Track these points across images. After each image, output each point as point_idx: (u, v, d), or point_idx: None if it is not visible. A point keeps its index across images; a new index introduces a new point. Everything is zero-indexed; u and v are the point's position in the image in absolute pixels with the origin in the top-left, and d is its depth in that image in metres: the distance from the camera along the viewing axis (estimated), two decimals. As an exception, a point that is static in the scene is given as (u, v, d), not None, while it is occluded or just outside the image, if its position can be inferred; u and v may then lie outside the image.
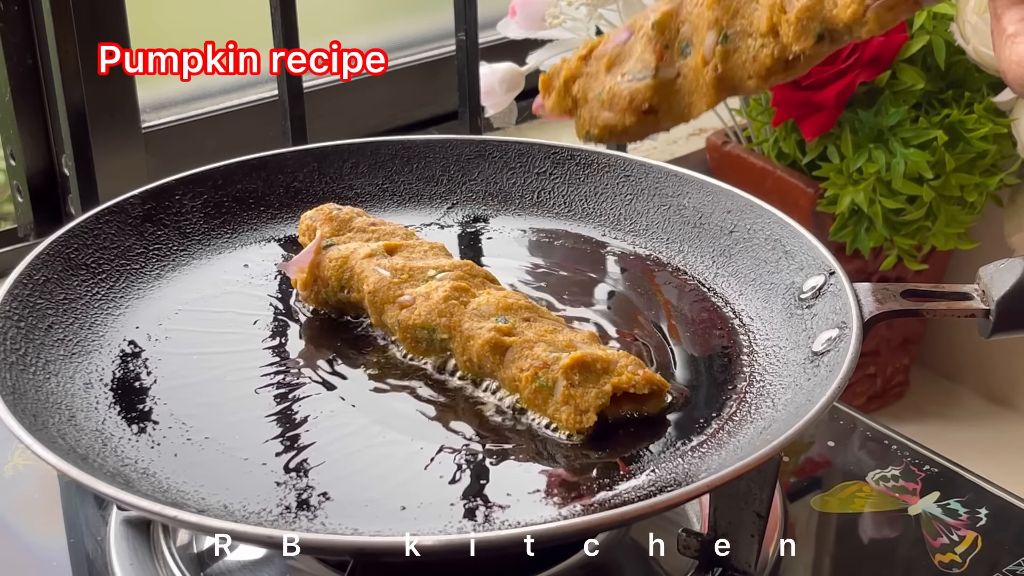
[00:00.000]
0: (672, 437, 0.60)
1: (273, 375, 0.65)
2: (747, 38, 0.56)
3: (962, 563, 0.66)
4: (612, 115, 0.60)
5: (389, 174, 0.83)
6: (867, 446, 0.75)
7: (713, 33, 0.57)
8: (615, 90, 0.59)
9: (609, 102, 0.60)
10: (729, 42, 0.56)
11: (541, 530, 0.51)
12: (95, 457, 0.57)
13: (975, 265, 0.66)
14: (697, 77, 0.57)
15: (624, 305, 0.72)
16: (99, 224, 0.73)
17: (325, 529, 0.54)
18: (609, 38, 0.61)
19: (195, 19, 1.11)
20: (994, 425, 1.18)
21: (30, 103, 0.96)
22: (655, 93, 0.58)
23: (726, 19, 0.56)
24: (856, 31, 0.54)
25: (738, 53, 0.56)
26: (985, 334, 0.64)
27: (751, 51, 0.56)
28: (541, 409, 0.60)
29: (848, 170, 1.03)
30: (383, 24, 1.24)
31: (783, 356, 0.65)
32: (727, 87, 0.57)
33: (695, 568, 0.62)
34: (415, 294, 0.66)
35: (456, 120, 1.04)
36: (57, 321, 0.66)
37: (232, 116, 1.11)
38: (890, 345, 1.16)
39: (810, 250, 0.69)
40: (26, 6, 0.93)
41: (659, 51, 0.58)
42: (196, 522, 0.51)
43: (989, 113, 1.02)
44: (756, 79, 0.56)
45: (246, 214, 0.79)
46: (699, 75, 0.57)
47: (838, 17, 0.53)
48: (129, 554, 0.64)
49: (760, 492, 0.58)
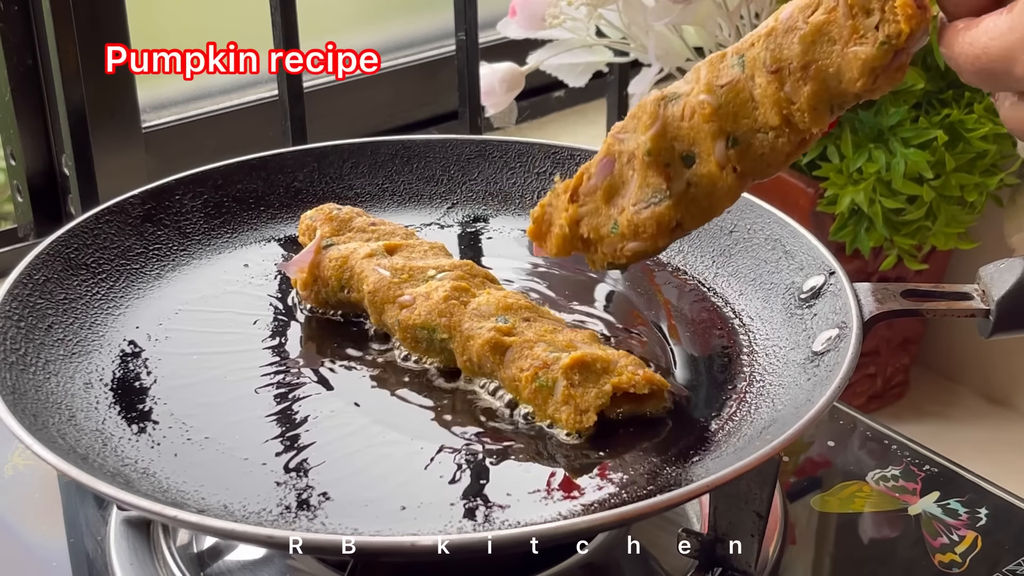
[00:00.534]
0: (672, 437, 0.60)
1: (273, 375, 0.65)
2: (757, 134, 0.56)
3: (962, 563, 0.66)
4: (641, 243, 0.59)
5: (389, 174, 0.83)
6: (867, 446, 0.75)
7: (721, 142, 0.56)
8: (635, 220, 0.59)
9: (633, 233, 0.59)
10: (740, 143, 0.56)
11: (541, 530, 0.51)
12: (95, 457, 0.57)
13: (975, 265, 0.66)
14: (714, 181, 0.57)
15: (624, 305, 0.72)
16: (99, 224, 0.73)
17: (325, 529, 0.54)
18: (592, 172, 0.60)
19: (195, 19, 1.11)
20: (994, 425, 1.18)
21: (30, 103, 0.96)
22: (678, 210, 0.58)
23: (729, 125, 0.56)
24: (866, 96, 0.54)
25: (752, 148, 0.56)
26: (985, 334, 0.64)
27: (767, 144, 0.56)
28: (541, 409, 0.60)
29: (848, 170, 1.03)
30: (382, 24, 1.24)
31: (783, 356, 0.65)
32: (749, 179, 0.57)
33: (695, 568, 0.62)
34: (415, 294, 0.66)
35: (456, 120, 1.04)
36: (57, 321, 0.66)
37: (232, 116, 1.11)
38: (890, 345, 1.16)
39: (810, 250, 0.69)
40: (26, 6, 0.93)
41: (663, 171, 0.58)
42: (196, 522, 0.51)
43: (989, 113, 1.02)
44: (777, 165, 0.56)
45: (246, 214, 0.79)
46: (716, 179, 0.57)
47: (848, 91, 0.53)
48: (129, 554, 0.64)
49: (760, 492, 0.59)
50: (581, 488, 0.56)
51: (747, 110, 0.56)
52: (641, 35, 1.01)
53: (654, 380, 0.61)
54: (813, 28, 0.53)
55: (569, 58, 1.07)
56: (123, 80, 0.93)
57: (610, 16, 1.03)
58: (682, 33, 1.03)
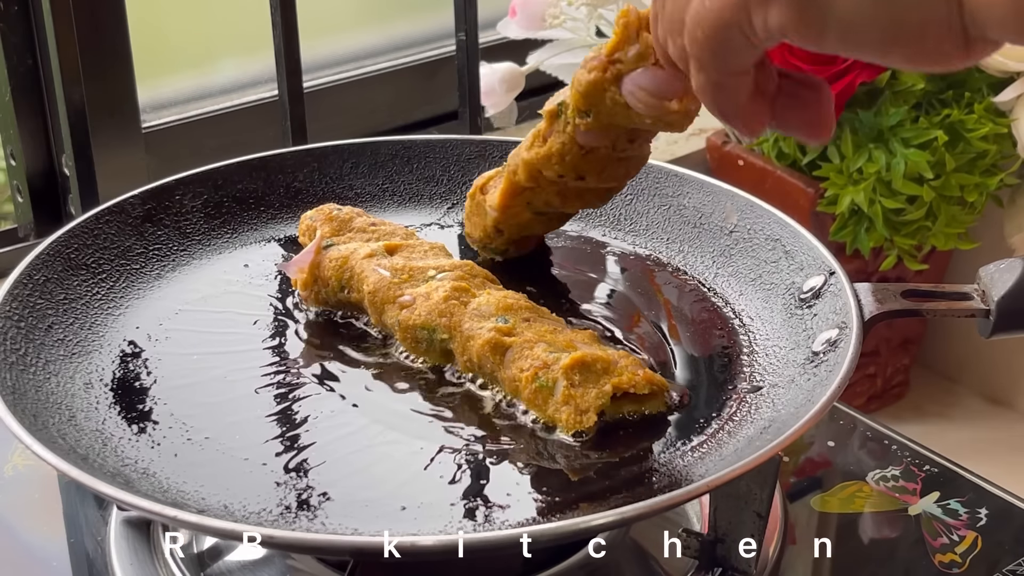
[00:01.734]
0: (672, 437, 0.60)
1: (273, 375, 0.65)
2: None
3: (962, 563, 0.66)
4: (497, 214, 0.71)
5: (389, 174, 0.83)
6: (867, 446, 0.75)
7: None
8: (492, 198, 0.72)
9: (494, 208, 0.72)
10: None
11: (541, 530, 0.51)
12: (95, 457, 0.57)
13: (975, 265, 0.66)
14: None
15: (624, 305, 0.72)
16: (99, 224, 0.73)
17: (325, 529, 0.54)
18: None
19: (195, 19, 1.11)
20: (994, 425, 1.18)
21: (30, 103, 0.96)
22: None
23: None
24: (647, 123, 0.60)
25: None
26: (985, 334, 0.64)
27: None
28: (541, 409, 0.60)
29: (848, 170, 1.03)
30: (383, 24, 1.24)
31: (783, 356, 0.65)
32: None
33: (695, 568, 0.62)
34: (415, 294, 0.66)
35: (456, 120, 1.04)
36: (57, 321, 0.66)
37: (232, 116, 1.11)
38: (890, 345, 1.16)
39: (810, 250, 0.69)
40: (26, 6, 0.93)
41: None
42: (196, 522, 0.51)
43: (989, 113, 1.02)
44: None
45: (246, 214, 0.79)
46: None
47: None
48: (129, 554, 0.64)
49: (760, 492, 0.58)
50: (581, 488, 0.56)
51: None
52: (641, 35, 1.01)
53: (654, 380, 0.61)
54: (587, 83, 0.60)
55: (569, 58, 1.07)
56: (123, 80, 0.93)
57: (610, 16, 1.03)
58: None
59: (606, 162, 0.65)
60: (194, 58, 1.12)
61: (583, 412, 0.59)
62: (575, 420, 0.59)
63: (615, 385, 0.60)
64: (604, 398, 0.59)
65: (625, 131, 0.63)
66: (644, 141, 0.65)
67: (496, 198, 0.70)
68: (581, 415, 0.59)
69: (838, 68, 1.01)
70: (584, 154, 0.64)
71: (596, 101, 0.60)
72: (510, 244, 0.74)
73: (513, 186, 0.69)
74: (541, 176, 0.67)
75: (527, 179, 0.68)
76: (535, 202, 0.70)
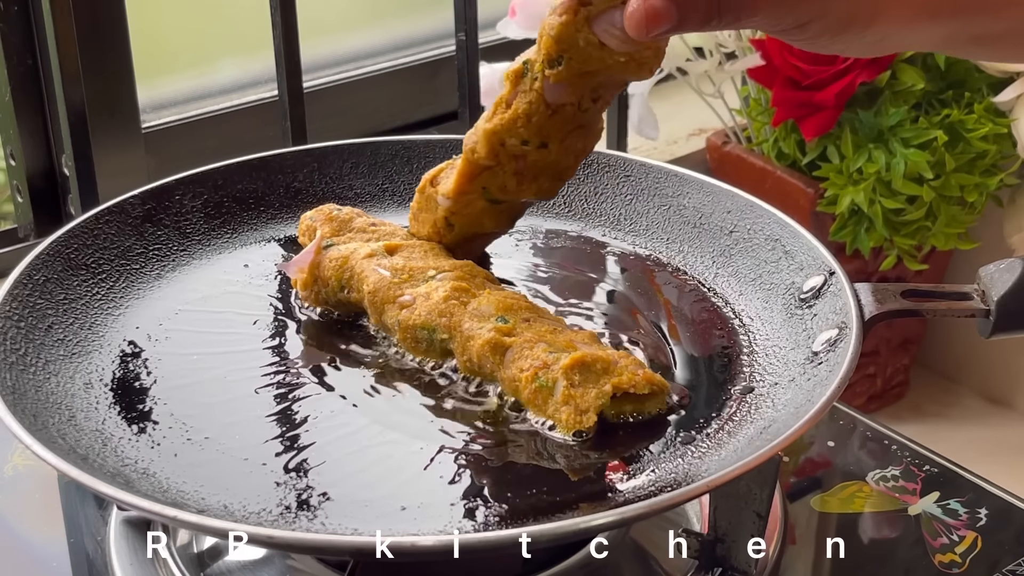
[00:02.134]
0: (672, 437, 0.60)
1: (273, 375, 0.65)
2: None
3: (962, 563, 0.66)
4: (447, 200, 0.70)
5: (389, 174, 0.83)
6: (867, 446, 0.75)
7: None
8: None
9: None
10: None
11: (541, 530, 0.51)
12: (95, 457, 0.57)
13: (975, 265, 0.66)
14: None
15: (624, 305, 0.72)
16: (99, 224, 0.73)
17: (325, 529, 0.54)
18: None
19: (195, 19, 1.11)
20: (994, 425, 1.18)
21: (30, 103, 0.96)
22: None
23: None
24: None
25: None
26: (985, 334, 0.64)
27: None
28: (541, 409, 0.60)
29: (848, 170, 1.03)
30: (383, 24, 1.24)
31: (783, 356, 0.65)
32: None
33: (695, 568, 0.62)
34: (415, 294, 0.66)
35: (456, 120, 1.04)
36: (57, 321, 0.66)
37: (232, 116, 1.11)
38: (890, 345, 1.16)
39: (810, 250, 0.69)
40: (26, 6, 0.93)
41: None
42: (196, 522, 0.51)
43: (989, 113, 1.02)
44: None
45: (246, 214, 0.79)
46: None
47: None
48: (129, 554, 0.64)
49: (760, 492, 0.58)
50: (581, 488, 0.56)
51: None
52: (641, 35, 1.01)
53: (654, 380, 0.61)
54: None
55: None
56: (123, 80, 0.93)
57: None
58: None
59: (571, 124, 0.65)
60: (194, 58, 1.12)
61: (583, 412, 0.59)
62: (575, 420, 0.59)
63: (615, 385, 0.60)
64: (604, 398, 0.59)
65: (591, 87, 0.63)
66: (604, 102, 0.65)
67: (451, 184, 0.69)
68: (581, 415, 0.59)
69: (838, 68, 1.01)
70: (551, 115, 0.64)
71: (569, 44, 0.60)
72: (459, 242, 0.72)
73: (471, 166, 0.68)
74: (503, 149, 0.66)
75: (487, 155, 0.66)
76: (491, 187, 0.68)
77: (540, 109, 0.64)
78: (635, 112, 1.05)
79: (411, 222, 0.73)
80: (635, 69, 0.60)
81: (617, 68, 0.61)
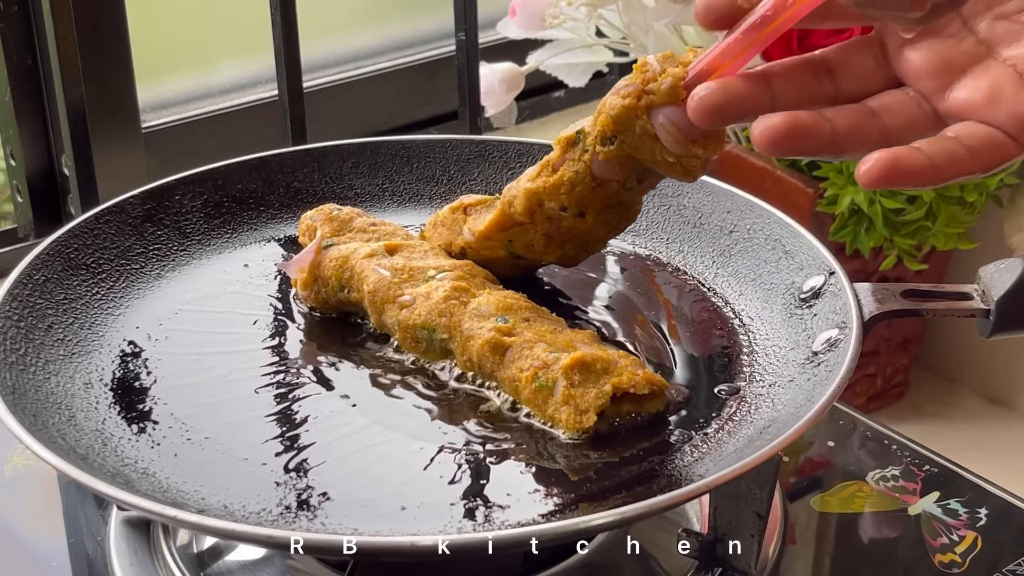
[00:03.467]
0: (672, 437, 0.60)
1: (273, 375, 0.65)
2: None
3: (962, 563, 0.66)
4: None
5: (389, 174, 0.83)
6: (867, 446, 0.75)
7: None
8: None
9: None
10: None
11: (541, 530, 0.51)
12: (95, 457, 0.57)
13: (975, 265, 0.66)
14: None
15: (624, 305, 0.72)
16: (99, 224, 0.73)
17: (325, 529, 0.54)
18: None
19: (195, 19, 1.11)
20: (994, 425, 1.18)
21: (30, 103, 0.96)
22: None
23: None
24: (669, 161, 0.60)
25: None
26: (985, 334, 0.64)
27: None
28: (541, 409, 0.60)
29: (848, 170, 1.03)
30: (383, 24, 1.25)
31: (783, 356, 0.65)
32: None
33: (695, 568, 0.62)
34: (415, 294, 0.66)
35: (456, 120, 1.04)
36: (57, 321, 0.66)
37: (232, 116, 1.11)
38: (890, 345, 1.16)
39: (810, 250, 0.69)
40: (26, 6, 0.93)
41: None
42: (196, 522, 0.51)
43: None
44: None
45: (246, 214, 0.79)
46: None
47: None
48: (129, 554, 0.64)
49: (760, 492, 0.58)
50: (581, 488, 0.56)
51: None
52: (641, 35, 1.01)
53: (654, 380, 0.61)
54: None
55: (569, 58, 1.07)
56: (123, 80, 0.93)
57: (610, 16, 1.03)
58: (682, 33, 1.03)
59: (611, 200, 0.65)
60: (194, 58, 1.12)
61: (583, 412, 0.59)
62: (575, 420, 0.59)
63: (615, 385, 0.60)
64: (604, 398, 0.59)
65: (638, 169, 0.63)
66: (649, 185, 0.65)
67: (481, 226, 0.69)
68: (581, 415, 0.59)
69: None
70: (595, 187, 0.64)
71: (626, 127, 0.60)
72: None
73: (505, 218, 0.68)
74: (540, 210, 0.66)
75: (524, 211, 0.66)
76: (517, 242, 0.69)
77: (585, 180, 0.64)
78: (635, 112, 1.04)
79: (428, 226, 0.73)
80: (680, 172, 0.61)
81: (664, 165, 0.61)
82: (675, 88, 0.58)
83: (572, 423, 0.59)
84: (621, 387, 0.60)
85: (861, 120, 0.54)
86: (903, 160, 0.51)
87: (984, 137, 0.52)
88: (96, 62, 0.90)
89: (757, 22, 0.53)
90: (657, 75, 0.59)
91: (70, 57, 0.88)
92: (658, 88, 0.59)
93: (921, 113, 0.54)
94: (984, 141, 0.52)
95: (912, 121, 0.54)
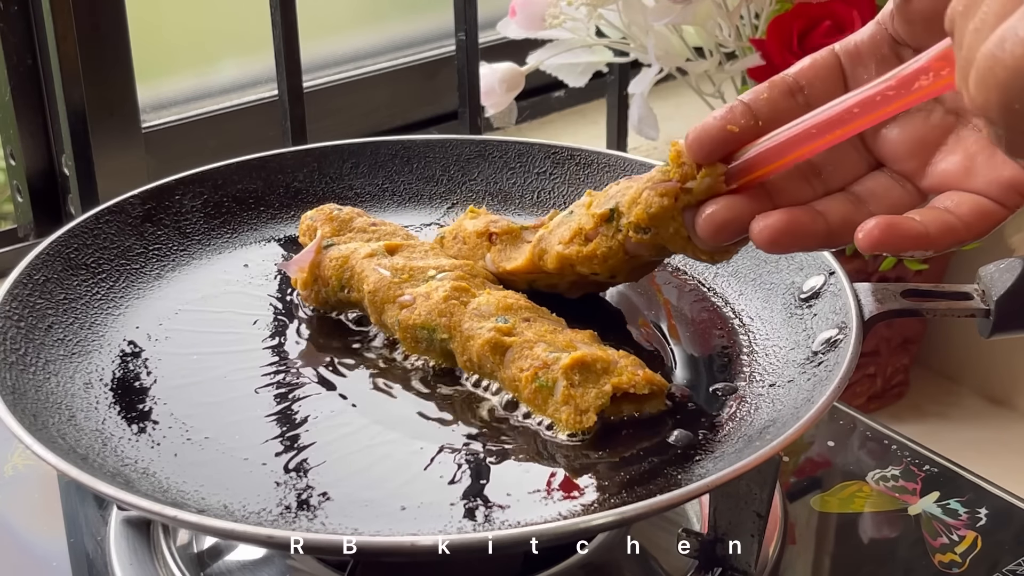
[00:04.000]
0: (672, 437, 0.60)
1: (273, 375, 0.65)
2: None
3: (962, 563, 0.66)
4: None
5: (389, 174, 0.83)
6: (867, 446, 0.75)
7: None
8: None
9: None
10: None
11: (542, 530, 0.51)
12: (95, 457, 0.57)
13: (975, 265, 0.66)
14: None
15: (624, 305, 0.72)
16: (99, 224, 0.73)
17: (325, 529, 0.54)
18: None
19: (195, 19, 1.11)
20: (994, 425, 1.18)
21: (30, 103, 0.96)
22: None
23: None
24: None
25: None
26: (985, 334, 0.64)
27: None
28: (541, 409, 0.60)
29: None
30: (383, 24, 1.25)
31: (783, 356, 0.65)
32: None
33: (695, 568, 0.62)
34: (415, 294, 0.66)
35: (456, 120, 1.04)
36: (57, 321, 0.66)
37: (232, 116, 1.11)
38: (890, 345, 1.16)
39: (810, 250, 0.69)
40: (26, 6, 0.93)
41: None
42: (196, 522, 0.51)
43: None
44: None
45: (246, 214, 0.79)
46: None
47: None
48: (129, 554, 0.64)
49: (760, 492, 0.58)
50: (581, 488, 0.56)
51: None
52: (641, 35, 1.01)
53: (654, 380, 0.61)
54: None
55: (569, 58, 1.07)
56: (123, 80, 0.93)
57: (610, 16, 1.03)
58: (682, 33, 1.03)
59: (640, 262, 0.66)
60: (194, 58, 1.12)
61: (583, 412, 0.59)
62: (575, 420, 0.59)
63: (615, 385, 0.60)
64: (604, 398, 0.59)
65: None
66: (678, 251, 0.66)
67: (508, 266, 0.69)
68: (581, 415, 0.59)
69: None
70: (627, 259, 0.65)
71: (661, 225, 0.61)
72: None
73: (534, 267, 0.69)
74: (571, 270, 0.67)
75: (555, 269, 0.67)
76: (539, 283, 0.70)
77: (618, 255, 0.64)
78: (635, 112, 1.04)
79: (448, 235, 0.73)
80: (708, 260, 0.61)
81: (691, 251, 0.61)
82: (713, 186, 0.58)
83: (572, 423, 0.59)
84: (621, 387, 0.60)
85: (850, 211, 0.56)
86: (901, 225, 0.52)
87: (971, 205, 0.53)
88: (96, 62, 0.90)
89: (805, 133, 0.55)
90: (695, 171, 0.58)
91: (70, 57, 0.88)
92: (696, 188, 0.58)
93: (905, 193, 0.56)
94: (972, 209, 0.53)
95: (897, 203, 0.56)
